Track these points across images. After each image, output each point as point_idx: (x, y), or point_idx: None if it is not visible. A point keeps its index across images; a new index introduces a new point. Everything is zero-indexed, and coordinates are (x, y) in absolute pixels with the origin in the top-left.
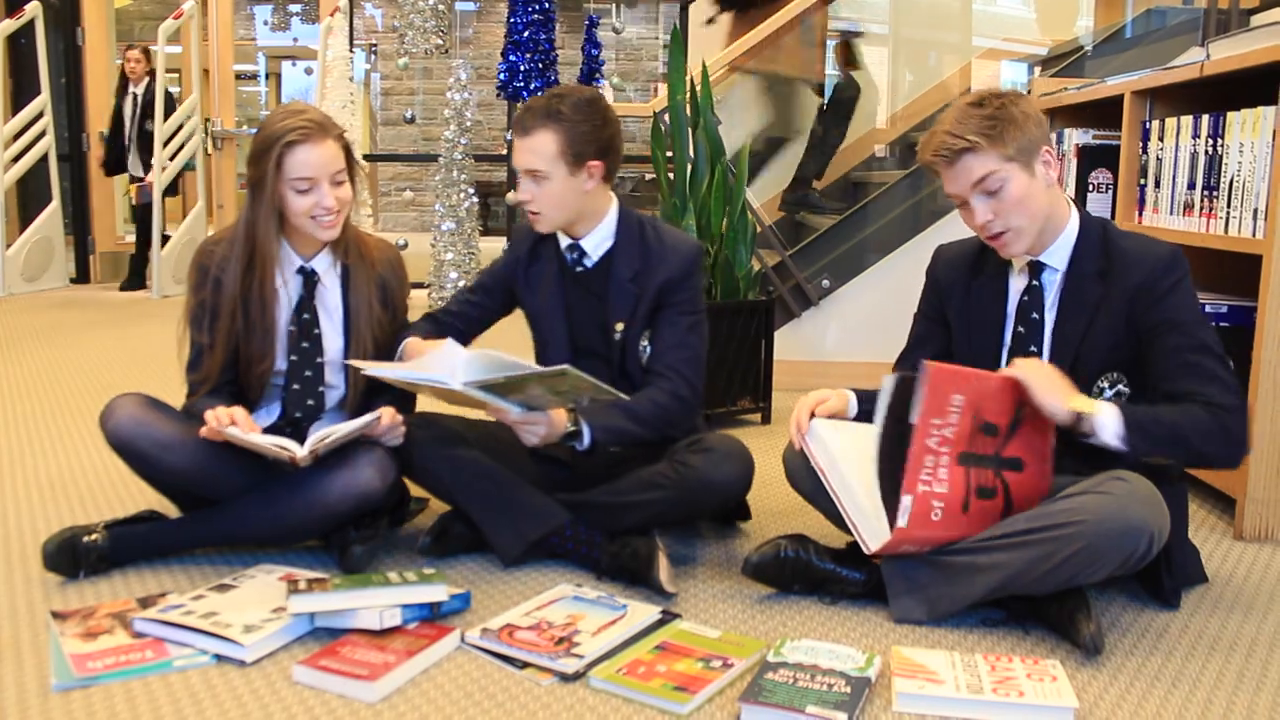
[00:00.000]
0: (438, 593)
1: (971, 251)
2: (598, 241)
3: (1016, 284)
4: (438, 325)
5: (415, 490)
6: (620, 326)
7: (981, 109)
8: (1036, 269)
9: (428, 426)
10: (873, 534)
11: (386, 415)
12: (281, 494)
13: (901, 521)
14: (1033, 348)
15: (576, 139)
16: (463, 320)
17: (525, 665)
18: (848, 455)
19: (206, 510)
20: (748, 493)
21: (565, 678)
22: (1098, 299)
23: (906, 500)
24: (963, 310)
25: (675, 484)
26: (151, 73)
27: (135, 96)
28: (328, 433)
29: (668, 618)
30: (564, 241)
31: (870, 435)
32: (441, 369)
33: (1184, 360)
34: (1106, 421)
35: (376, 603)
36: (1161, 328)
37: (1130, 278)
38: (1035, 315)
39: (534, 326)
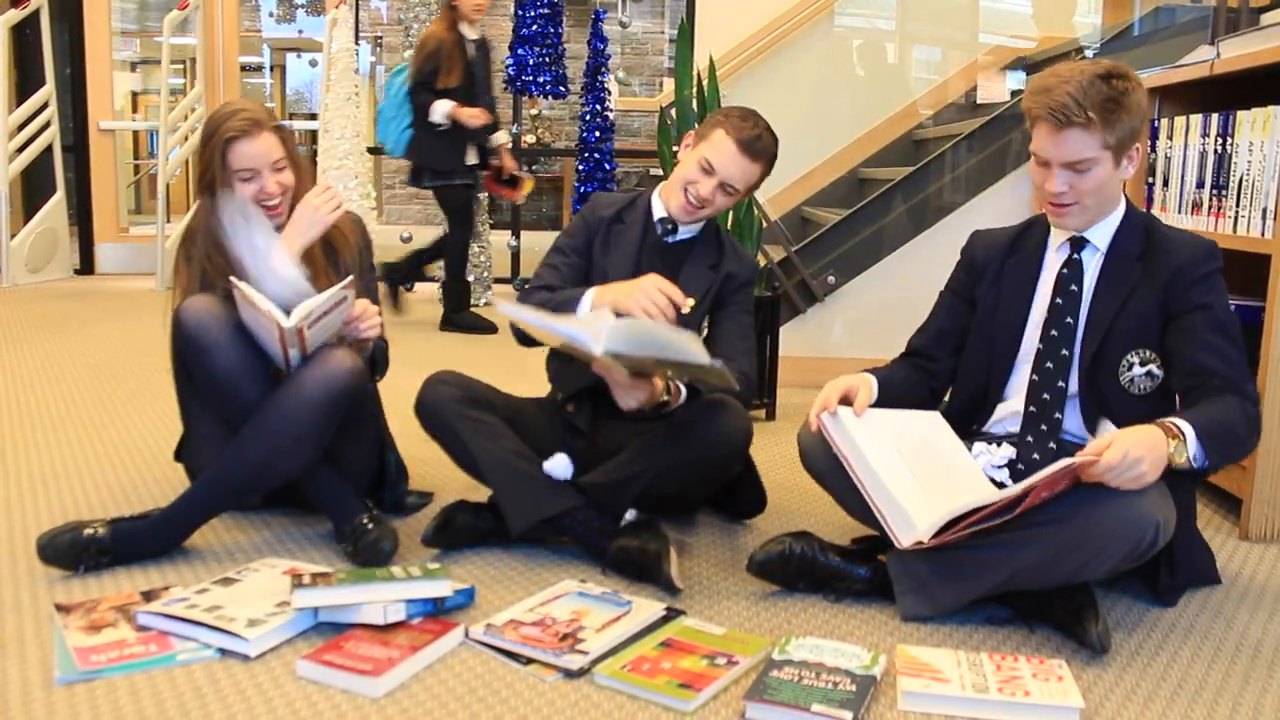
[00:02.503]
0: (442, 588)
1: (1009, 235)
2: (690, 226)
3: (1052, 262)
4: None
5: (421, 485)
6: (692, 302)
7: (1108, 85)
8: (1079, 244)
9: (458, 386)
10: (904, 530)
11: (362, 302)
12: (266, 412)
13: (950, 537)
14: (1069, 319)
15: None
16: (573, 283)
17: (529, 661)
18: (875, 448)
19: (206, 471)
20: (748, 448)
21: (569, 674)
22: (1135, 280)
23: (965, 532)
24: (995, 283)
25: (674, 439)
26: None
27: (475, 47)
28: (308, 310)
29: (672, 614)
30: (658, 212)
31: (899, 428)
32: (589, 331)
33: (1205, 340)
34: (1193, 451)
35: (380, 598)
36: (1191, 309)
37: (1168, 262)
38: (1075, 287)
39: (597, 281)
